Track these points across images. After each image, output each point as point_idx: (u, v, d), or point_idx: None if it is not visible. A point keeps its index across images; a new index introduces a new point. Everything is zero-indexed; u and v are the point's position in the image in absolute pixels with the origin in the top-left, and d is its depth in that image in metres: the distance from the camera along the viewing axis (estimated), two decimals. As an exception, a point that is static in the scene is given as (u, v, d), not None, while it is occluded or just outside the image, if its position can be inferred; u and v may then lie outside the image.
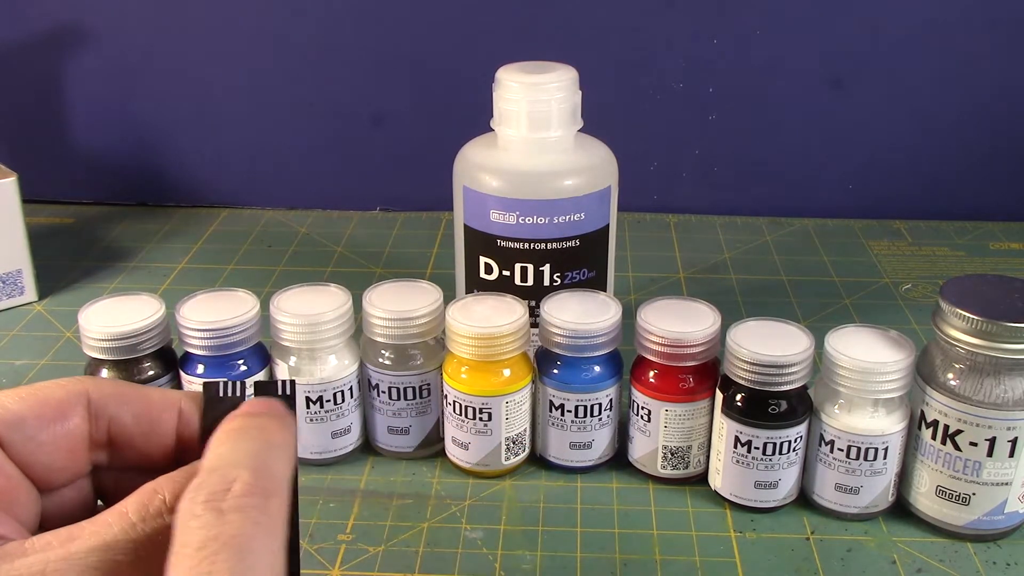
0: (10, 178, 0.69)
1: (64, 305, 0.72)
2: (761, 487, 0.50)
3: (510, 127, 0.55)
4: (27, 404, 0.29)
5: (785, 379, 0.48)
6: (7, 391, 0.29)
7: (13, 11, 0.85)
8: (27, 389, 0.29)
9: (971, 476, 0.48)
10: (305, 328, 0.51)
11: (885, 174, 0.87)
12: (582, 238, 0.56)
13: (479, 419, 0.52)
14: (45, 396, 0.29)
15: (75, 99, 0.88)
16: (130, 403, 0.30)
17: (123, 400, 0.30)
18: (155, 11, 0.85)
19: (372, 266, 0.79)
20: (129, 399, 0.30)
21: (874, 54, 0.83)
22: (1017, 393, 0.46)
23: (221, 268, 0.79)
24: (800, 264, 0.79)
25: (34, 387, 0.29)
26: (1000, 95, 0.84)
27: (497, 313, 0.52)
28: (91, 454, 0.30)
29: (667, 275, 0.77)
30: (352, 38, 0.85)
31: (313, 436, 0.53)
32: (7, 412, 0.28)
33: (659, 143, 0.87)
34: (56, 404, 0.29)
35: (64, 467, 0.29)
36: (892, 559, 0.48)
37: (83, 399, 0.29)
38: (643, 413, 0.52)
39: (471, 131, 0.59)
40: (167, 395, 0.31)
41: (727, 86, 0.85)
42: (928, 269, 0.79)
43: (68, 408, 0.29)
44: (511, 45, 0.75)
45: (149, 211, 0.90)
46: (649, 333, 0.50)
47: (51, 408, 0.29)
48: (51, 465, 0.29)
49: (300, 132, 0.89)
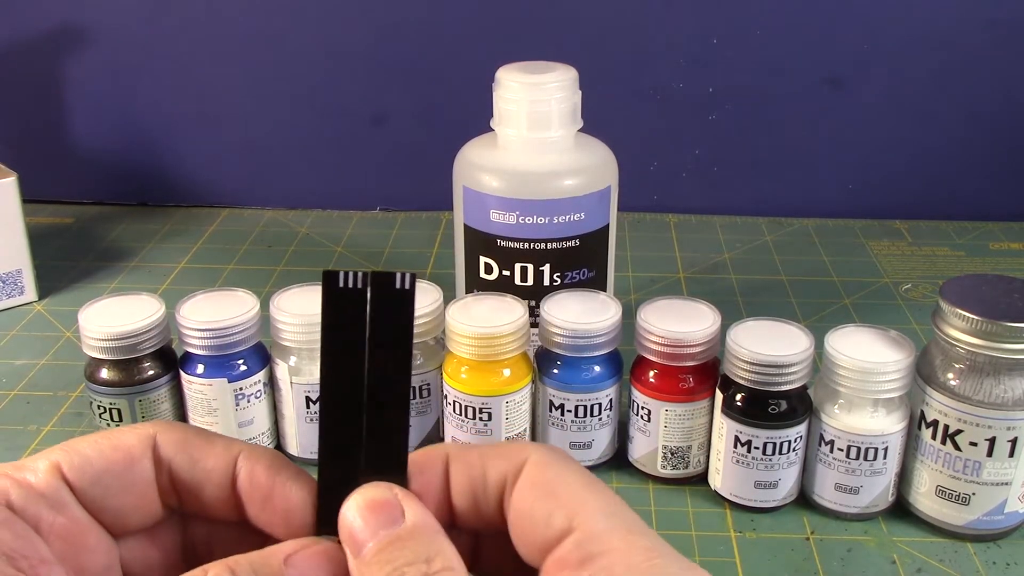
0: (10, 178, 0.69)
1: (64, 305, 0.72)
2: (761, 487, 0.50)
3: (510, 127, 0.55)
4: (98, 447, 0.29)
5: (785, 379, 0.48)
6: (81, 437, 0.29)
7: (13, 11, 0.85)
8: (100, 434, 0.30)
9: (971, 476, 0.48)
10: (305, 328, 0.51)
11: (885, 174, 0.87)
12: (582, 238, 0.56)
13: (479, 419, 0.52)
14: (116, 440, 0.29)
15: (75, 99, 0.88)
16: (190, 449, 0.30)
17: (184, 446, 0.30)
18: (155, 11, 0.85)
19: (372, 266, 0.79)
20: (190, 445, 0.30)
21: (874, 54, 0.83)
22: (1017, 393, 0.46)
23: (221, 268, 0.79)
24: (800, 264, 0.79)
25: (107, 432, 0.30)
26: (1000, 95, 0.84)
27: (497, 313, 0.52)
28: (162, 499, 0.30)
29: (667, 275, 0.77)
30: (352, 38, 0.85)
31: (313, 436, 0.53)
32: (78, 455, 0.28)
33: (659, 143, 0.87)
34: (126, 448, 0.29)
35: (135, 511, 0.29)
36: (892, 559, 0.48)
37: (150, 442, 0.29)
38: (643, 413, 0.52)
39: (471, 131, 0.59)
40: (230, 445, 0.30)
41: (727, 86, 0.85)
42: (928, 269, 0.79)
43: (138, 452, 0.29)
44: (511, 45, 0.75)
45: (149, 211, 0.90)
46: (649, 333, 0.50)
47: (121, 452, 0.29)
48: (122, 509, 0.29)
49: (300, 132, 0.89)
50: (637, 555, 0.25)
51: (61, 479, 0.28)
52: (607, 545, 0.26)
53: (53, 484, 0.28)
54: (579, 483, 0.27)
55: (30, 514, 0.27)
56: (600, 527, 0.26)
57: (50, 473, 0.28)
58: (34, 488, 0.28)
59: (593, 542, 0.26)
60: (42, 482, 0.28)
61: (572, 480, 0.28)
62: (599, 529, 0.26)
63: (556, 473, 0.28)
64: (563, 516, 0.27)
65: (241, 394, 0.52)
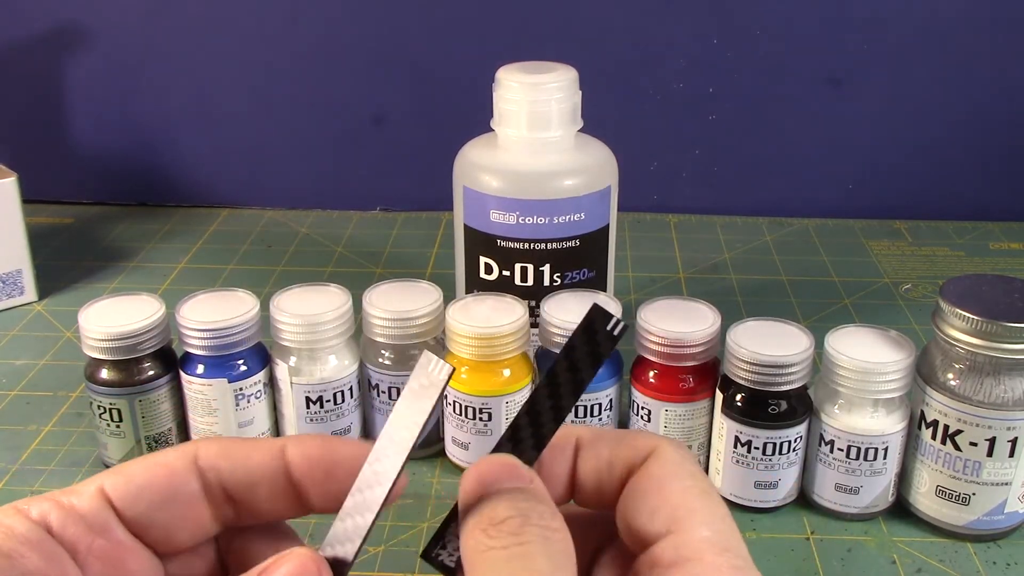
0: (10, 178, 0.69)
1: (64, 305, 0.72)
2: (761, 487, 0.50)
3: (510, 127, 0.55)
4: (141, 465, 0.29)
5: (785, 379, 0.48)
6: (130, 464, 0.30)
7: (13, 11, 0.85)
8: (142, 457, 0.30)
9: (971, 476, 0.48)
10: (305, 328, 0.51)
11: (885, 174, 0.87)
12: (582, 238, 0.56)
13: (479, 419, 0.52)
14: (158, 458, 0.30)
15: (75, 99, 0.88)
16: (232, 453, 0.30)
17: (225, 452, 0.30)
18: (155, 11, 0.85)
19: (372, 266, 0.79)
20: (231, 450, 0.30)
21: (874, 54, 0.83)
22: (1017, 393, 0.46)
23: (221, 268, 0.79)
24: (800, 264, 0.79)
25: (149, 455, 0.30)
26: (1000, 95, 0.84)
27: (497, 313, 0.52)
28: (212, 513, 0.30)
29: (667, 275, 0.77)
30: (352, 38, 0.85)
31: (313, 436, 0.53)
32: (121, 475, 0.29)
33: (659, 143, 0.87)
34: (167, 463, 0.29)
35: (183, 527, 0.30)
36: (892, 559, 0.48)
37: (192, 456, 0.30)
38: (643, 413, 0.52)
39: (471, 131, 0.59)
40: (271, 440, 0.30)
41: (727, 86, 0.85)
42: (928, 269, 0.79)
43: (179, 466, 0.30)
44: (511, 45, 0.75)
45: (149, 211, 0.90)
46: (649, 333, 0.50)
47: (163, 467, 0.29)
48: (168, 525, 0.29)
49: (300, 132, 0.89)
50: (727, 573, 0.26)
51: (105, 500, 0.29)
52: (700, 554, 0.26)
53: (96, 506, 0.28)
54: (694, 488, 0.28)
55: (68, 536, 0.28)
56: (699, 536, 0.27)
57: (94, 496, 0.29)
58: (76, 511, 0.28)
59: (688, 548, 0.26)
60: (85, 505, 0.28)
61: (688, 483, 0.28)
62: (697, 538, 0.27)
63: (675, 472, 0.29)
64: (667, 515, 0.27)
65: (241, 394, 0.52)
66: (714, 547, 0.27)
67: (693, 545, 0.27)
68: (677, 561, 0.26)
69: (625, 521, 0.29)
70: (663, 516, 0.27)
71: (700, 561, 0.26)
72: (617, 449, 0.30)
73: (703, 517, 0.27)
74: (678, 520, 0.27)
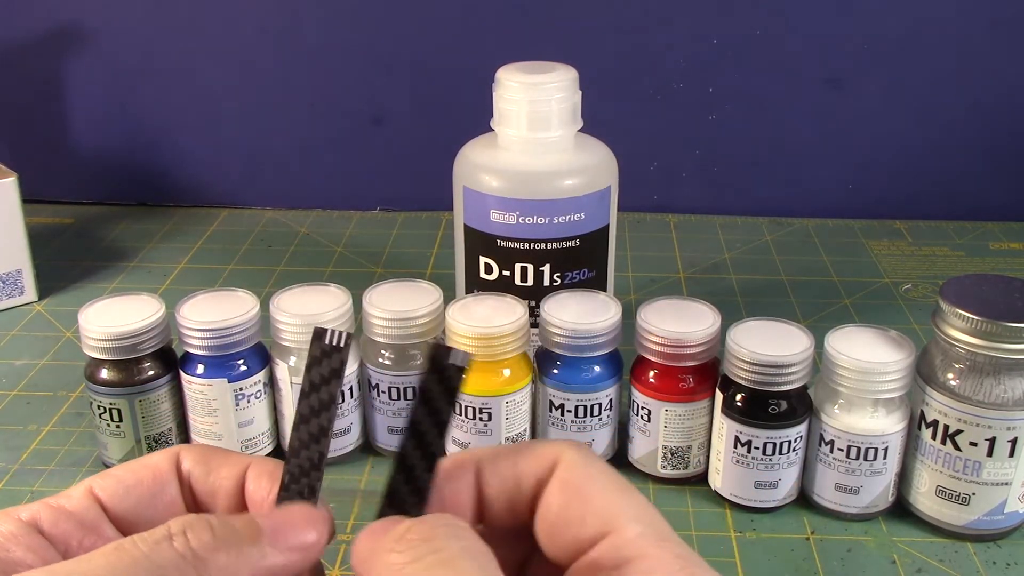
0: (10, 178, 0.69)
1: (64, 305, 0.72)
2: (761, 487, 0.50)
3: (510, 127, 0.55)
4: (128, 467, 0.30)
5: (785, 379, 0.48)
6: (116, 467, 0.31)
7: (13, 11, 0.85)
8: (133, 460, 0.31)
9: (971, 476, 0.48)
10: (305, 328, 0.51)
11: (885, 174, 0.87)
12: (582, 238, 0.56)
13: (479, 419, 0.52)
14: (144, 460, 0.31)
15: (75, 99, 0.88)
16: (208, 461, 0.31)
17: (202, 459, 0.31)
18: (155, 11, 0.85)
19: (372, 266, 0.79)
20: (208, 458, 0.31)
21: (874, 54, 0.83)
22: (1017, 393, 0.46)
23: (221, 268, 0.79)
24: (800, 264, 0.79)
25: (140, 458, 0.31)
26: (1000, 95, 0.84)
27: (497, 313, 0.52)
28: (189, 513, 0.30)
29: (667, 275, 0.77)
30: (352, 38, 0.85)
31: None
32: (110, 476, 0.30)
33: (659, 143, 0.87)
34: (153, 464, 0.30)
35: None
36: (892, 559, 0.48)
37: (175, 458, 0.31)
38: (643, 413, 0.52)
39: (471, 131, 0.59)
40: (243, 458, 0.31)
41: (727, 86, 0.85)
42: (928, 269, 0.79)
43: (164, 467, 0.30)
44: (511, 45, 0.75)
45: (149, 211, 0.90)
46: (649, 333, 0.50)
47: (149, 468, 0.30)
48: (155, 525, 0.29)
49: (300, 132, 0.89)
50: (672, 563, 0.26)
51: (93, 499, 0.29)
52: (642, 551, 0.26)
53: (85, 504, 0.29)
54: (612, 486, 0.28)
55: (59, 535, 0.28)
56: (633, 532, 0.26)
57: (84, 495, 0.29)
58: (65, 510, 0.29)
59: (628, 547, 0.26)
60: (75, 504, 0.29)
61: (605, 483, 0.28)
62: (633, 535, 0.26)
63: (588, 475, 0.28)
64: (596, 519, 0.27)
65: (241, 394, 0.52)
66: (651, 540, 0.26)
67: (631, 543, 0.26)
68: (620, 562, 0.26)
69: (549, 533, 0.28)
70: (592, 521, 0.27)
71: (645, 557, 0.26)
72: (520, 464, 0.29)
73: (632, 513, 0.27)
74: (608, 521, 0.27)
